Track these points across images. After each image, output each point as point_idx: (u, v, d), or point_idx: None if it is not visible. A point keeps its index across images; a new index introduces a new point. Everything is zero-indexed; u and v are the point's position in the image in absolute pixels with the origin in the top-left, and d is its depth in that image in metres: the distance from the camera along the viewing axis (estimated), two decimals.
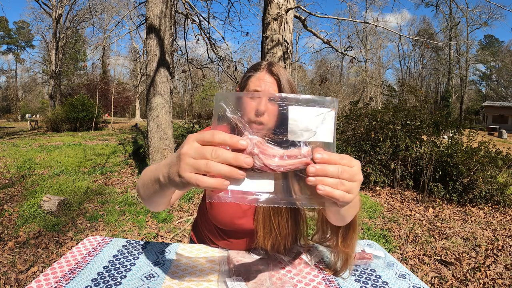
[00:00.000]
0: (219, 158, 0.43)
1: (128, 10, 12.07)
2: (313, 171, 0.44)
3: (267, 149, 0.45)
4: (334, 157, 0.45)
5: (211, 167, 0.42)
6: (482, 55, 35.39)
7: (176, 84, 21.71)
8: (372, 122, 5.75)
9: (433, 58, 36.80)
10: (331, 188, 0.45)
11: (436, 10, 31.81)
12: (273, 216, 0.86)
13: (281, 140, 0.47)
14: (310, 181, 0.45)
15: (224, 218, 0.91)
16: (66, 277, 0.75)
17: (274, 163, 0.44)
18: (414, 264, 2.82)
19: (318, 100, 0.47)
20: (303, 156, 0.45)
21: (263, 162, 0.44)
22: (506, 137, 18.40)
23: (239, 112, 0.47)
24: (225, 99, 0.47)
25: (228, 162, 0.43)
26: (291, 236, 0.88)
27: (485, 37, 36.67)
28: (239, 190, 0.46)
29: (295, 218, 0.89)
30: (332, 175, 0.45)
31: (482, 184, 4.51)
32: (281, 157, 0.45)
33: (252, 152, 0.44)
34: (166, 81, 4.32)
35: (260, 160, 0.44)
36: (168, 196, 0.62)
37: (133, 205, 4.15)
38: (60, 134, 12.09)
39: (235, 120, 0.47)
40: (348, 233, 0.76)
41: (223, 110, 0.46)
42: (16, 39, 34.67)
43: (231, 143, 0.43)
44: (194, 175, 0.44)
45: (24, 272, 2.47)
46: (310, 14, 4.74)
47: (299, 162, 0.45)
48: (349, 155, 0.48)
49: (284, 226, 0.86)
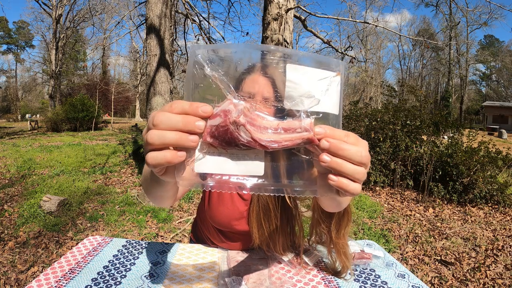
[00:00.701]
0: (161, 125, 0.34)
1: (128, 10, 12.08)
2: (327, 146, 0.35)
3: (256, 119, 0.35)
4: (339, 133, 0.36)
5: (152, 138, 0.34)
6: (482, 55, 35.38)
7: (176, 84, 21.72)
8: (372, 122, 5.75)
9: (433, 58, 36.80)
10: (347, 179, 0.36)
11: (436, 10, 31.82)
12: (263, 218, 0.85)
13: (274, 107, 0.37)
14: (324, 161, 0.35)
15: (221, 219, 0.91)
16: (66, 276, 0.75)
17: (265, 138, 0.34)
18: (414, 264, 2.82)
19: (322, 60, 0.38)
20: (304, 130, 0.35)
21: (251, 136, 0.34)
22: (506, 137, 18.39)
23: (221, 70, 0.36)
24: (203, 53, 0.36)
25: (175, 126, 0.34)
26: (285, 237, 0.88)
27: (485, 37, 36.69)
28: (219, 173, 0.36)
29: (287, 219, 0.88)
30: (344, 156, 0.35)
31: (482, 184, 4.51)
32: (275, 129, 0.35)
33: (237, 121, 0.34)
34: (166, 81, 4.32)
35: (247, 133, 0.34)
36: (170, 190, 0.55)
37: (133, 205, 4.15)
38: (60, 134, 12.09)
39: (215, 80, 0.36)
40: (341, 223, 0.76)
41: (200, 65, 0.36)
42: (16, 39, 34.67)
43: (190, 111, 0.34)
44: (147, 155, 0.35)
45: (24, 272, 2.47)
46: (310, 14, 4.74)
47: (299, 137, 0.35)
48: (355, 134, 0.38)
49: (275, 227, 0.86)
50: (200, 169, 0.36)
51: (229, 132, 0.34)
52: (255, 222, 0.86)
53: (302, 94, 0.37)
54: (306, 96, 0.37)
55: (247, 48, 0.39)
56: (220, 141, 0.35)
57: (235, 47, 0.38)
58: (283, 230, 0.87)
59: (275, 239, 0.86)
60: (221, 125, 0.34)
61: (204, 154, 0.36)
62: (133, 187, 5.01)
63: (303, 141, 0.35)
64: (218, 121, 0.34)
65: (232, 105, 0.34)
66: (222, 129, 0.34)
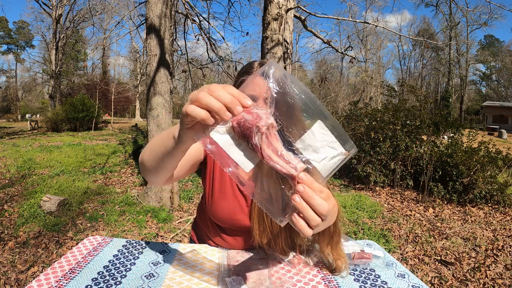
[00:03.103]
0: (213, 93, 0.43)
1: (128, 10, 12.08)
2: (301, 190, 0.44)
3: (272, 136, 0.44)
4: (315, 185, 0.45)
5: (202, 98, 0.43)
6: (482, 55, 35.37)
7: (176, 84, 21.72)
8: (372, 122, 5.76)
9: (433, 58, 36.79)
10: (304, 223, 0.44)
11: (436, 10, 31.80)
12: (265, 213, 0.86)
13: (288, 140, 0.46)
14: (294, 200, 0.44)
15: (222, 215, 0.91)
16: (66, 276, 0.75)
17: (267, 152, 0.44)
18: (414, 264, 2.82)
19: (342, 134, 0.46)
20: (293, 167, 0.44)
21: (260, 144, 0.43)
22: (506, 137, 18.39)
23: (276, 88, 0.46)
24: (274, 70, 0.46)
25: (222, 100, 0.43)
26: (286, 234, 0.88)
27: (485, 37, 36.67)
28: (222, 149, 0.45)
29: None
30: (314, 205, 0.44)
31: (482, 184, 4.51)
32: (277, 152, 0.44)
33: (261, 128, 0.43)
34: (166, 81, 4.32)
35: (259, 140, 0.43)
36: (177, 158, 0.63)
37: (133, 205, 4.15)
38: (60, 134, 12.09)
39: (269, 93, 0.46)
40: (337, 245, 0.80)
41: (268, 76, 0.46)
42: (16, 39, 34.66)
43: (238, 97, 0.43)
44: (188, 105, 0.45)
45: (24, 272, 2.47)
46: (310, 14, 4.74)
47: (287, 169, 0.44)
48: (330, 191, 0.47)
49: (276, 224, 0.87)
50: (214, 137, 0.45)
51: (250, 130, 0.43)
52: (256, 217, 0.87)
53: (312, 146, 0.46)
54: (313, 150, 0.46)
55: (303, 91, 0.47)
56: (240, 130, 0.44)
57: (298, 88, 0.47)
58: (284, 226, 0.87)
59: (275, 235, 0.87)
60: (249, 122, 0.43)
61: (224, 131, 0.45)
62: (133, 187, 5.01)
63: (288, 173, 0.44)
64: (249, 118, 0.43)
65: (266, 115, 0.44)
66: (248, 124, 0.43)
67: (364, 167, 5.31)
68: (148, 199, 4.24)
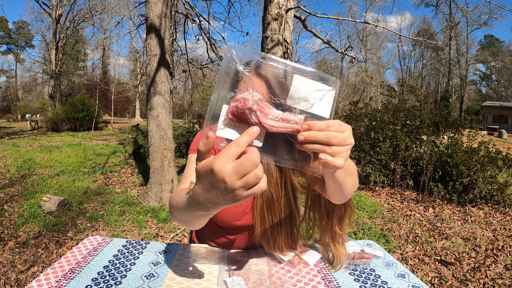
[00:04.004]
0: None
1: (128, 10, 12.07)
2: (302, 139, 0.48)
3: (265, 108, 0.47)
4: (320, 124, 0.48)
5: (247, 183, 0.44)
6: (482, 55, 35.37)
7: (176, 84, 21.71)
8: (372, 122, 5.75)
9: (433, 58, 36.79)
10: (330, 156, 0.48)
11: (436, 10, 31.80)
12: (266, 211, 0.87)
13: (279, 102, 0.49)
14: (298, 146, 0.48)
15: (227, 217, 0.92)
16: (66, 276, 0.75)
17: (268, 122, 0.47)
18: (414, 264, 2.82)
19: (323, 76, 0.50)
20: (294, 122, 0.48)
21: (258, 119, 0.46)
22: (506, 137, 18.39)
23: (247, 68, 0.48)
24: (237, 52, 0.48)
25: (252, 176, 0.43)
26: (286, 233, 0.89)
27: (485, 37, 36.67)
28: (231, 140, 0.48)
29: (289, 213, 0.90)
30: (321, 141, 0.47)
31: (482, 184, 4.51)
32: (275, 118, 0.47)
33: (252, 107, 0.46)
34: (166, 81, 4.32)
35: (256, 117, 0.46)
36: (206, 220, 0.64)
37: (133, 205, 4.15)
38: (60, 134, 12.09)
39: (242, 75, 0.48)
40: (344, 214, 0.83)
41: (234, 62, 0.48)
42: (16, 39, 34.64)
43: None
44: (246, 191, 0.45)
45: (24, 272, 2.47)
46: (310, 14, 4.74)
47: (290, 127, 0.48)
48: (340, 121, 0.50)
49: (278, 221, 0.88)
50: (220, 134, 0.48)
51: (244, 114, 0.46)
52: (259, 215, 0.87)
53: (301, 97, 0.49)
54: (303, 100, 0.49)
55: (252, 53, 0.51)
56: (237, 118, 0.47)
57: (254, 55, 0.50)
58: (284, 225, 0.88)
59: (276, 234, 0.87)
60: (240, 108, 0.46)
61: (225, 125, 0.48)
62: (133, 187, 5.01)
63: (293, 130, 0.48)
64: (239, 105, 0.46)
65: (250, 95, 0.46)
66: (240, 110, 0.47)
67: (364, 167, 5.31)
68: (148, 199, 4.24)
